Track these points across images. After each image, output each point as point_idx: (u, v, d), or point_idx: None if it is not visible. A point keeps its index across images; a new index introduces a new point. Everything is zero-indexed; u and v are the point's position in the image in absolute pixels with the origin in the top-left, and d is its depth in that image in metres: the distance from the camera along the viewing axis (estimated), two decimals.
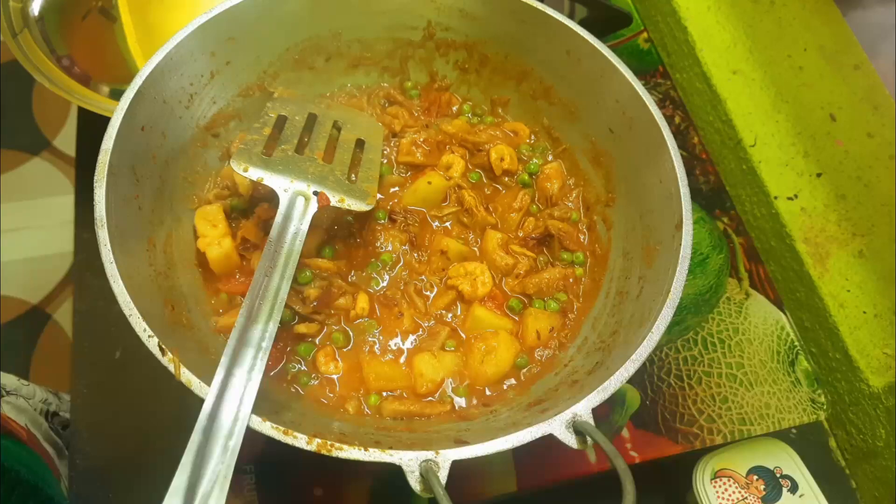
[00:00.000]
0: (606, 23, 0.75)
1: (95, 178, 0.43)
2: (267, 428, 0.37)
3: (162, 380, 0.38)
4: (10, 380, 0.67)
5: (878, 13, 0.62)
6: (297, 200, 0.48)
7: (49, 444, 0.64)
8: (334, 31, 0.61)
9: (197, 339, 0.47)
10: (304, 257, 0.51)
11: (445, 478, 0.36)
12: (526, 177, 0.61)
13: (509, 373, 0.52)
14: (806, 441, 0.63)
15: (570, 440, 0.38)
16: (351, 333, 0.52)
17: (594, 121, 0.59)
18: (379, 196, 0.57)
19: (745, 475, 0.55)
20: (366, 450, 0.37)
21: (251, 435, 0.37)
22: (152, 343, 0.39)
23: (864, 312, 0.62)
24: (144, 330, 0.39)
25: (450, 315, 0.54)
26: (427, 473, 0.36)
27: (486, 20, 0.60)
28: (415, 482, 0.36)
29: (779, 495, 0.55)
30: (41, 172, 1.57)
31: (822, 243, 0.66)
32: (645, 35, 0.81)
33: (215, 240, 0.52)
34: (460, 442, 0.38)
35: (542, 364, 0.53)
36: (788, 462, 0.56)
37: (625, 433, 0.57)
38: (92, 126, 0.65)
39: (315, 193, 0.49)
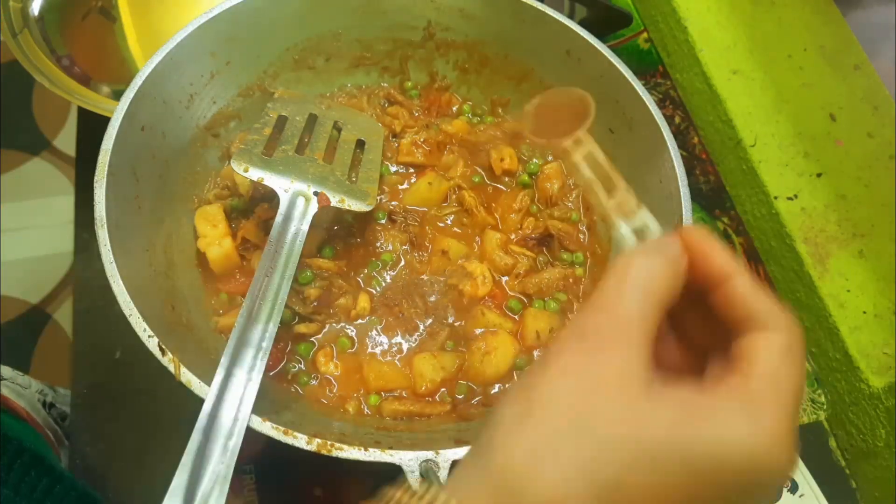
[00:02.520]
0: (606, 23, 0.75)
1: (95, 178, 0.43)
2: (267, 428, 0.37)
3: (162, 380, 0.38)
4: (5, 370, 0.67)
5: (878, 13, 0.62)
6: (298, 201, 0.48)
7: (49, 431, 0.64)
8: (334, 31, 0.61)
9: (197, 339, 0.47)
10: (304, 257, 0.51)
11: (445, 478, 0.36)
12: (526, 177, 0.61)
13: (509, 373, 0.52)
14: (806, 441, 0.63)
15: None
16: (356, 338, 0.52)
17: (594, 121, 0.59)
18: (381, 198, 0.57)
19: None
20: (366, 450, 0.37)
21: (251, 435, 0.37)
22: (152, 343, 0.39)
23: (864, 312, 0.62)
24: (144, 330, 0.39)
25: (450, 315, 0.54)
26: (427, 473, 0.36)
27: (486, 20, 0.60)
28: (415, 482, 0.36)
29: (779, 495, 0.55)
30: (41, 172, 1.57)
31: (822, 243, 0.66)
32: (645, 35, 0.81)
33: (215, 240, 0.52)
34: (460, 442, 0.38)
35: None
36: None
37: None
38: (92, 126, 0.65)
39: (315, 194, 0.49)
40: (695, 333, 0.29)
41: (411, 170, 0.61)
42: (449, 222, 0.58)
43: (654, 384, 0.24)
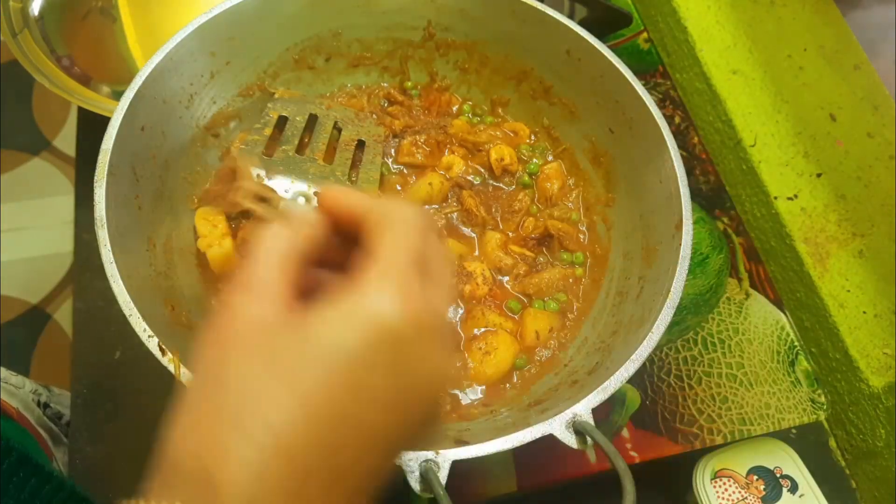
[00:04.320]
0: (606, 23, 0.75)
1: (95, 178, 0.43)
2: None
3: (162, 380, 0.38)
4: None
5: (878, 13, 0.62)
6: (298, 201, 0.48)
7: (43, 430, 0.64)
8: (334, 31, 0.61)
9: (197, 339, 0.47)
10: None
11: (445, 478, 0.36)
12: (526, 178, 0.61)
13: (509, 373, 0.52)
14: (806, 441, 0.63)
15: (570, 440, 0.38)
16: None
17: (594, 121, 0.59)
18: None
19: (745, 475, 0.55)
20: None
21: None
22: (152, 343, 0.39)
23: (864, 312, 0.62)
24: (144, 330, 0.39)
25: (449, 315, 0.54)
26: (427, 473, 0.36)
27: (486, 20, 0.60)
28: (415, 482, 0.36)
29: (779, 495, 0.55)
30: (41, 172, 1.57)
31: (822, 243, 0.66)
32: (645, 35, 0.81)
33: (215, 240, 0.52)
34: (460, 442, 0.38)
35: (541, 364, 0.53)
36: (788, 462, 0.56)
37: (625, 433, 0.57)
38: (92, 126, 0.65)
39: (316, 194, 0.49)
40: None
41: (411, 170, 0.61)
42: (450, 221, 0.58)
43: (293, 312, 0.26)
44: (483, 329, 0.53)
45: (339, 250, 0.32)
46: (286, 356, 0.24)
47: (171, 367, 0.39)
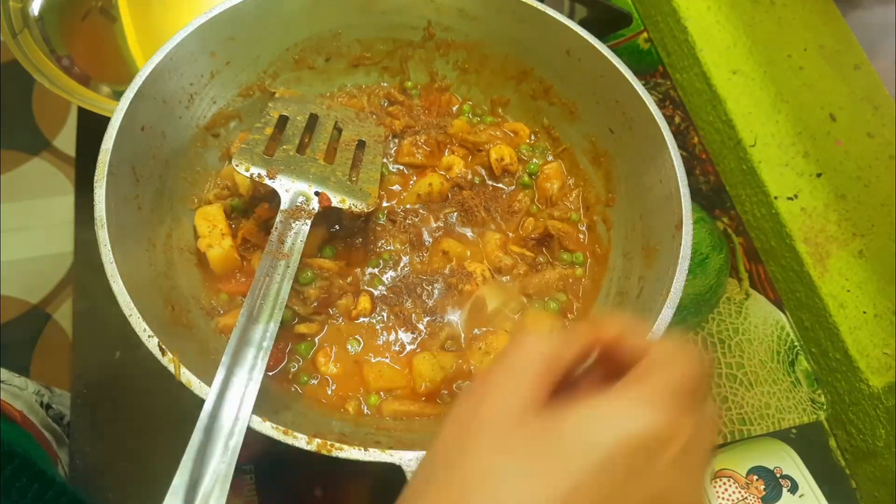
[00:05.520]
0: (606, 23, 0.75)
1: (95, 178, 0.43)
2: (267, 428, 0.37)
3: (162, 380, 0.38)
4: (2, 372, 0.67)
5: (878, 13, 0.62)
6: (299, 200, 0.48)
7: (47, 431, 0.64)
8: (334, 31, 0.61)
9: (197, 339, 0.47)
10: (305, 257, 0.51)
11: None
12: (526, 177, 0.61)
13: None
14: (806, 441, 0.63)
15: None
16: (358, 338, 0.52)
17: (594, 121, 0.59)
18: (382, 198, 0.57)
19: (745, 475, 0.55)
20: (366, 450, 0.37)
21: (251, 435, 0.37)
22: (152, 343, 0.39)
23: (864, 312, 0.62)
24: (144, 330, 0.39)
25: (450, 315, 0.54)
26: None
27: (486, 20, 0.60)
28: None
29: (779, 495, 0.55)
30: (41, 172, 1.57)
31: (822, 243, 0.66)
32: (645, 35, 0.81)
33: (215, 240, 0.52)
34: None
35: None
36: (788, 462, 0.56)
37: None
38: (92, 126, 0.65)
39: (316, 194, 0.49)
40: None
41: (412, 170, 0.61)
42: (450, 221, 0.58)
43: (545, 408, 0.26)
44: (483, 329, 0.53)
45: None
46: (537, 451, 0.24)
47: (171, 367, 0.39)
